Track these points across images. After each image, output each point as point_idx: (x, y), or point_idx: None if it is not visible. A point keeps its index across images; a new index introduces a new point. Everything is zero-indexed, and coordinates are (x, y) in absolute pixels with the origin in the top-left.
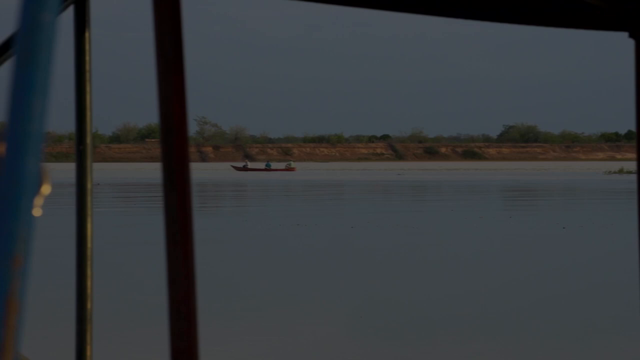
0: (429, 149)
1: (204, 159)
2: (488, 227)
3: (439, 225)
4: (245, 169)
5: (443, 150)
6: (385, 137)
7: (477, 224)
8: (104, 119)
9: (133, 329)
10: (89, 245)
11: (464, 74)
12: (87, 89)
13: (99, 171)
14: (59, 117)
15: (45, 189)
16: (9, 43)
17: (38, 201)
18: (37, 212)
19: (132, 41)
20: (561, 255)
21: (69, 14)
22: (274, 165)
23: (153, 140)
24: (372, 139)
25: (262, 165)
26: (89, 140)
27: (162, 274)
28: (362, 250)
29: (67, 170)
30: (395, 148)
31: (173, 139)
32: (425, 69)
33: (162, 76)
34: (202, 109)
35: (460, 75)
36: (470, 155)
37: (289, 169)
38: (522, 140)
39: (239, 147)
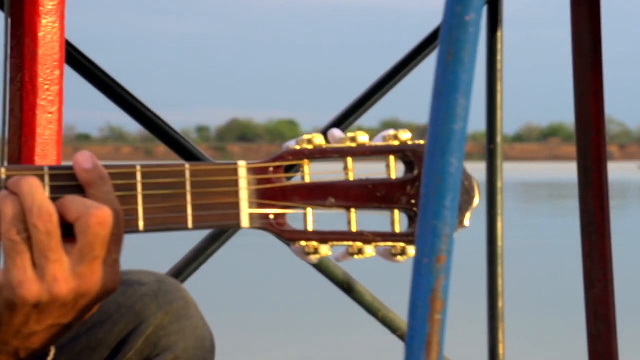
0: None
1: (609, 158)
2: None
3: None
4: None
5: None
6: None
7: None
8: (507, 119)
9: (547, 329)
10: (499, 243)
11: None
12: (499, 88)
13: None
14: None
15: (476, 202)
16: (431, 38)
17: (468, 212)
18: (467, 222)
19: (530, 40)
20: None
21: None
22: None
23: (556, 139)
24: None
25: None
26: (499, 139)
27: (577, 274)
28: None
29: (471, 170)
30: None
31: (589, 138)
32: None
33: (579, 75)
34: (606, 107)
35: None
36: None
37: None
38: None
39: None
